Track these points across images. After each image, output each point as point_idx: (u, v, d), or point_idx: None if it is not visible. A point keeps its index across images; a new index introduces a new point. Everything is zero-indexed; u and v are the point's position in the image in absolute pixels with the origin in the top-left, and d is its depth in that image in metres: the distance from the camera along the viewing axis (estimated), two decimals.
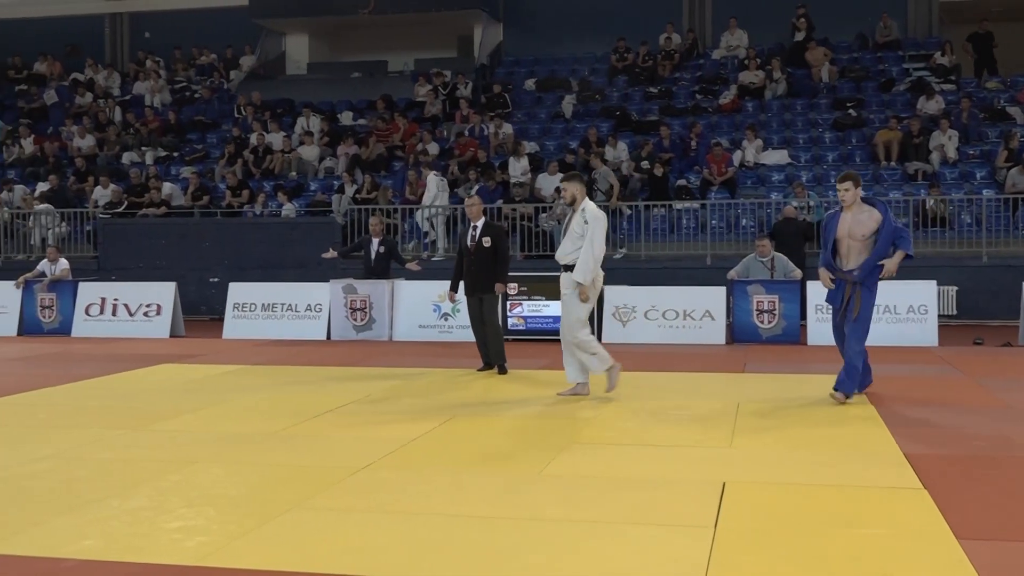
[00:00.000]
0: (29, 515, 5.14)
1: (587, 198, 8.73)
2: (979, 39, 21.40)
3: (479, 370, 10.45)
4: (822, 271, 8.28)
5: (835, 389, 8.26)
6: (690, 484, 5.66)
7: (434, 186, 17.62)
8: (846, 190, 8.12)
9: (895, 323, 12.90)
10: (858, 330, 8.17)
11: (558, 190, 13.39)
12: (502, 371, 10.31)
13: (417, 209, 17.85)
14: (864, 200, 8.22)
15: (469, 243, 10.35)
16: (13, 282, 15.36)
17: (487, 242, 10.26)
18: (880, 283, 8.38)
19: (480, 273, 10.25)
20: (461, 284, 10.55)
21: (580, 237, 8.49)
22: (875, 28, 22.31)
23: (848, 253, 8.18)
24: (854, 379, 8.25)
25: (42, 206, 19.24)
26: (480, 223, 10.42)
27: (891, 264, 8.13)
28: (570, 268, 8.56)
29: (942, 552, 4.46)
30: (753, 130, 19.16)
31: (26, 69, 26.49)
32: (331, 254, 14.02)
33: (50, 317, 15.27)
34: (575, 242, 8.52)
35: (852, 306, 8.12)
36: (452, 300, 11.33)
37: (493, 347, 10.39)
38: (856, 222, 8.10)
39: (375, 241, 13.85)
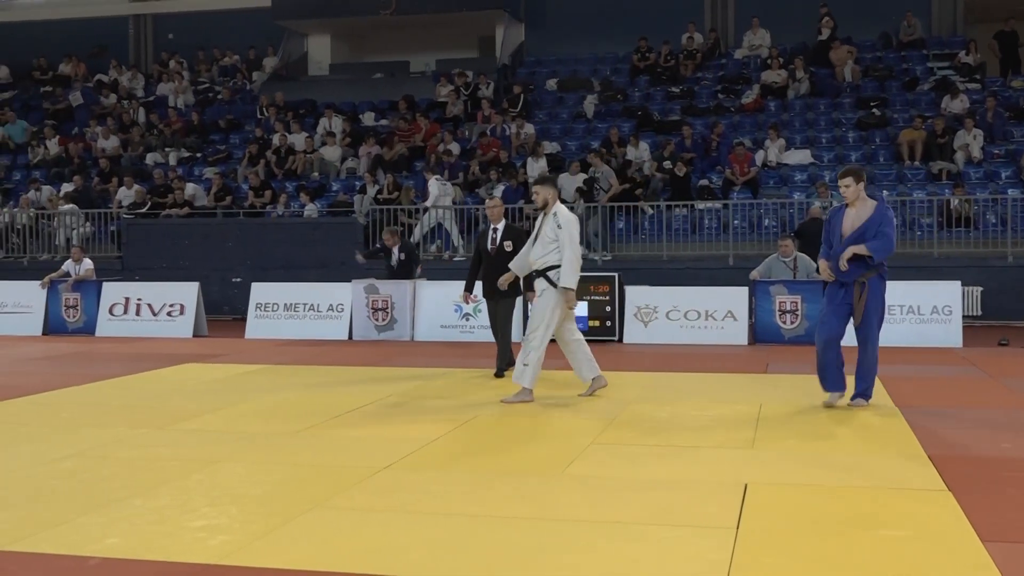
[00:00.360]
0: (54, 513, 5.18)
1: (559, 202, 8.64)
2: (1005, 37, 21.23)
3: (495, 375, 10.33)
4: (822, 262, 8.02)
5: (852, 400, 8.05)
6: (712, 485, 5.64)
7: (436, 189, 17.65)
8: (847, 186, 7.84)
9: (919, 323, 12.83)
10: (872, 333, 7.92)
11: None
12: (499, 375, 10.10)
13: (414, 210, 17.85)
14: (870, 196, 7.96)
15: (489, 246, 10.15)
16: (38, 282, 15.50)
17: (508, 246, 9.99)
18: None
19: (500, 277, 10.11)
20: (478, 284, 10.43)
21: (552, 241, 8.40)
22: (899, 27, 22.19)
23: None
24: (871, 380, 8.07)
25: (67, 206, 19.38)
26: (501, 225, 10.19)
27: (848, 250, 7.73)
28: (541, 272, 8.51)
29: (966, 554, 4.43)
30: (776, 130, 19.10)
31: (51, 70, 26.74)
32: (360, 259, 14.21)
33: (74, 317, 15.39)
34: (547, 246, 8.44)
35: (859, 309, 7.83)
36: (468, 301, 11.02)
37: (502, 351, 10.27)
38: (858, 217, 7.84)
39: (394, 250, 13.87)
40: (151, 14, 28.11)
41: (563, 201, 16.80)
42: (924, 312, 12.86)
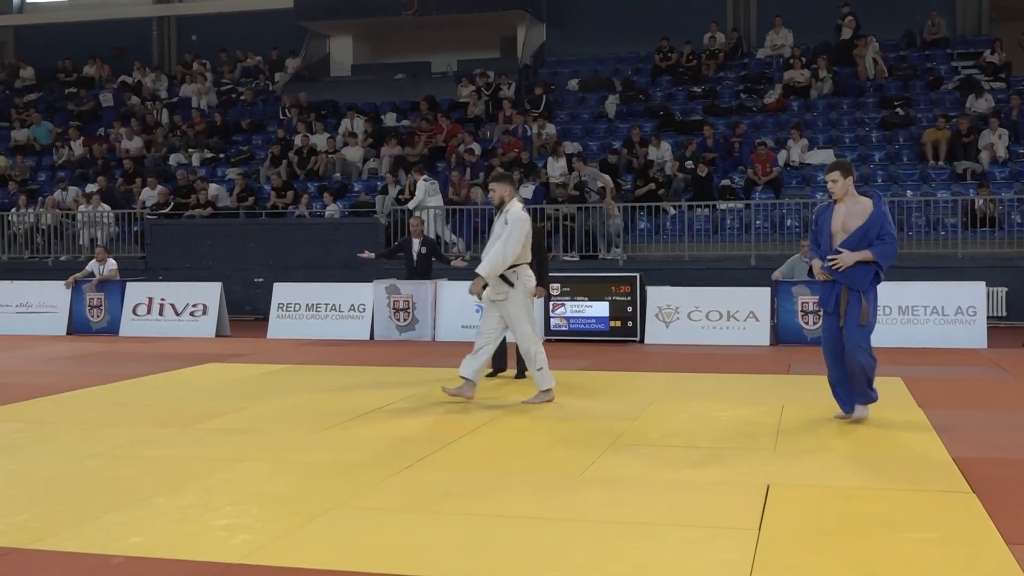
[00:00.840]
0: (78, 512, 5.22)
1: (515, 199, 8.60)
2: None
3: (515, 376, 10.28)
4: (815, 262, 7.48)
5: (851, 412, 7.46)
6: (734, 486, 5.62)
7: (422, 191, 17.65)
8: (834, 181, 7.32)
9: (943, 324, 12.74)
10: (854, 336, 7.25)
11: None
12: (520, 376, 10.07)
13: (410, 209, 17.81)
14: (861, 193, 7.53)
15: None
16: (62, 282, 15.61)
17: None
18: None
19: None
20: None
21: (499, 237, 8.39)
22: (923, 26, 22.04)
23: None
24: (864, 388, 7.38)
25: (104, 206, 19.43)
26: None
27: (848, 255, 7.22)
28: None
29: (991, 557, 4.40)
30: (798, 129, 19.02)
31: (75, 72, 26.92)
32: (368, 255, 13.89)
33: (98, 317, 15.50)
34: (495, 242, 8.43)
35: (847, 311, 7.29)
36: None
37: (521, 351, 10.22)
38: (850, 215, 7.33)
39: (416, 242, 13.88)
40: (174, 16, 28.29)
41: (583, 201, 17.07)
42: (948, 313, 12.78)
